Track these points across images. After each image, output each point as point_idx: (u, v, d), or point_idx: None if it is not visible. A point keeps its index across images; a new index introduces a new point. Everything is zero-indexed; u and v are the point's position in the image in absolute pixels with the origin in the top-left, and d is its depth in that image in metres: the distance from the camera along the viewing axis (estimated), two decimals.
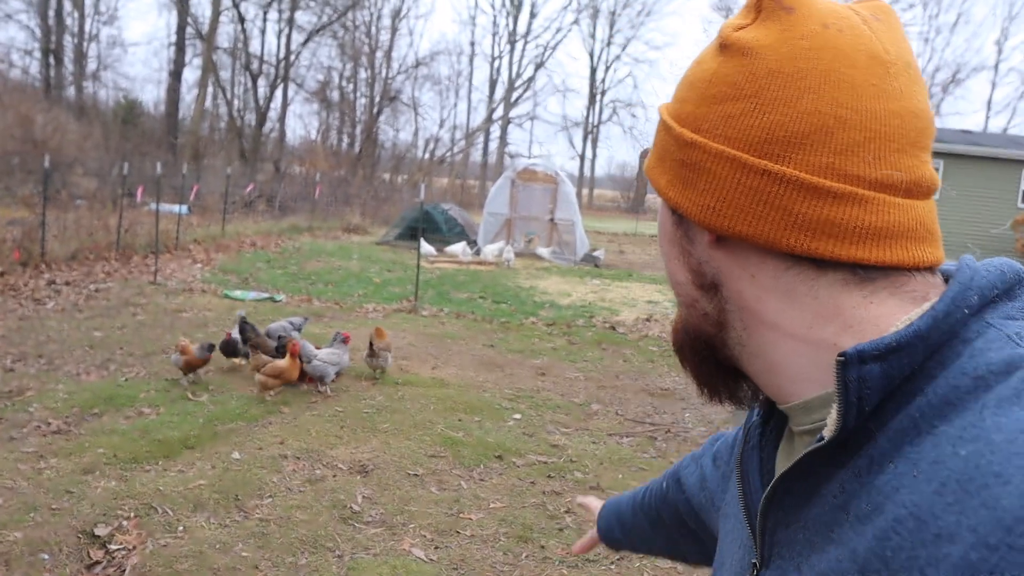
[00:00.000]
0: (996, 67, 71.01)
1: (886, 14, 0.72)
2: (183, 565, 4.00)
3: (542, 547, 4.55)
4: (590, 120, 62.30)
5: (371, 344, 7.62)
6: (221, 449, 5.58)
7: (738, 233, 0.70)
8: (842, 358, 0.64)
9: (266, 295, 11.95)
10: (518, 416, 6.93)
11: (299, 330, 7.59)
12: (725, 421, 7.17)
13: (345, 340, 7.39)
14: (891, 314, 0.67)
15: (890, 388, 0.64)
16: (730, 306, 0.75)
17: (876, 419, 0.65)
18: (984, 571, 0.52)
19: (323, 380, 7.06)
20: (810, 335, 0.70)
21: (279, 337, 7.34)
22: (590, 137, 62.79)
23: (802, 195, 0.67)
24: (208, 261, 15.30)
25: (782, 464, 0.80)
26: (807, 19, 0.69)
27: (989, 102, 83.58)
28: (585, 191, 60.94)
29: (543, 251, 19.74)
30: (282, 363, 6.74)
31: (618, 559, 4.48)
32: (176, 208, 18.04)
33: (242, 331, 7.59)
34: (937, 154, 23.46)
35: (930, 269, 0.71)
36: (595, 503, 1.59)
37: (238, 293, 11.91)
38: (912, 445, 0.61)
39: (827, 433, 0.66)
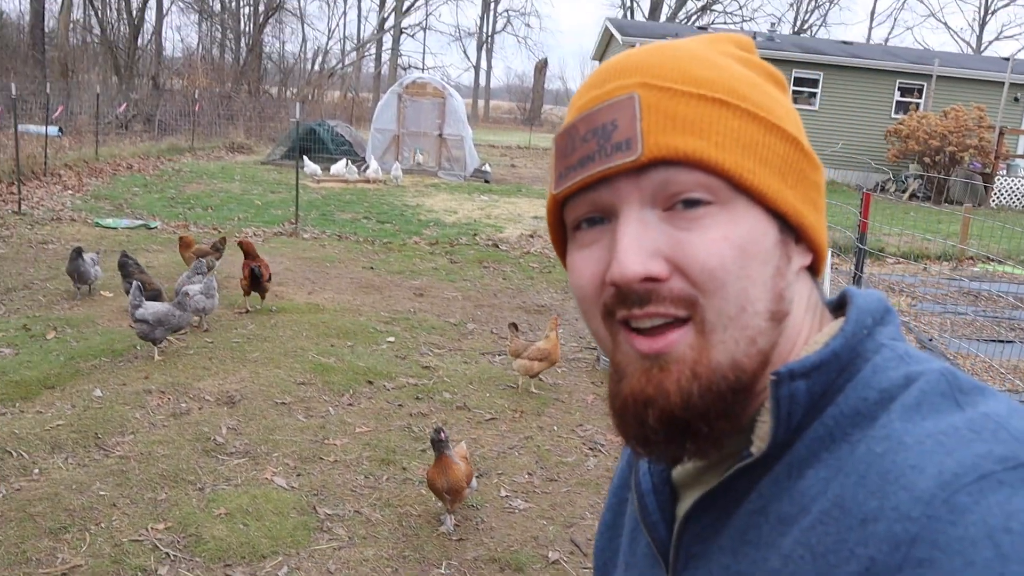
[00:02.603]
0: None
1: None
2: (37, 508, 4.00)
3: (404, 468, 4.71)
4: (484, 30, 61.21)
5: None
6: (83, 387, 5.51)
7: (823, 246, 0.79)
8: (775, 377, 0.69)
9: (140, 222, 11.60)
10: (392, 339, 7.03)
11: (97, 265, 7.57)
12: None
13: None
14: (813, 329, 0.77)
15: (811, 403, 0.70)
16: (780, 339, 0.75)
17: (795, 431, 0.70)
18: (907, 540, 0.57)
19: (204, 314, 6.94)
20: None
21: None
22: (484, 47, 61.79)
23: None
24: (80, 187, 14.67)
25: (692, 485, 0.81)
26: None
27: (872, 12, 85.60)
28: (481, 103, 60.28)
29: (396, 167, 18.28)
30: (543, 345, 5.96)
31: (477, 476, 4.68)
32: (44, 130, 17.10)
33: (123, 266, 7.36)
34: (817, 65, 24.10)
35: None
36: None
37: (110, 221, 11.51)
38: (829, 452, 0.67)
39: (756, 450, 0.71)
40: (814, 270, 0.80)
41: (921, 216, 17.15)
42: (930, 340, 7.94)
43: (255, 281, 7.42)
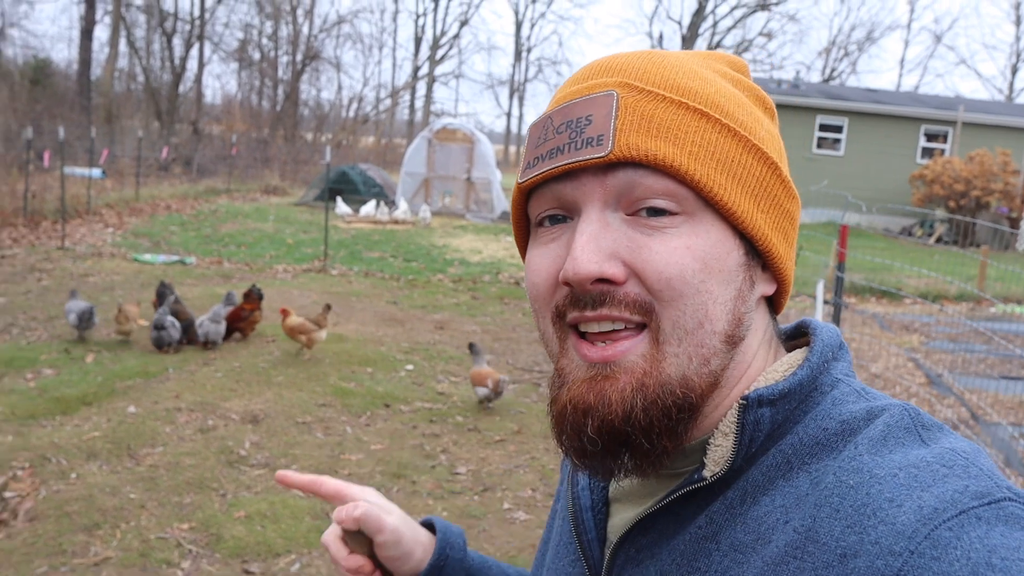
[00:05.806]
0: (909, 26, 73.30)
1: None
2: (73, 507, 4.34)
3: (413, 482, 4.99)
4: (516, 78, 62.36)
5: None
6: (118, 404, 5.88)
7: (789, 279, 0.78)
8: (744, 401, 0.68)
9: (176, 258, 12.09)
10: (410, 367, 7.34)
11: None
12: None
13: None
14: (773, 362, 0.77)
15: (772, 431, 0.69)
16: (732, 363, 0.73)
17: (749, 458, 0.69)
18: (891, 575, 0.56)
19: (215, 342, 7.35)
20: (736, 389, 0.74)
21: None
22: (516, 95, 62.87)
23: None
24: (120, 225, 15.28)
25: (624, 502, 0.80)
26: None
27: (902, 60, 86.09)
28: (512, 148, 61.16)
29: (425, 209, 18.61)
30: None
31: (482, 490, 4.95)
32: (88, 172, 17.86)
33: (161, 296, 7.75)
34: (842, 112, 24.38)
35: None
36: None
37: (147, 256, 12.01)
38: (785, 480, 0.66)
39: (709, 473, 0.69)
40: (775, 304, 0.79)
41: (945, 259, 17.24)
42: (939, 376, 8.09)
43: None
